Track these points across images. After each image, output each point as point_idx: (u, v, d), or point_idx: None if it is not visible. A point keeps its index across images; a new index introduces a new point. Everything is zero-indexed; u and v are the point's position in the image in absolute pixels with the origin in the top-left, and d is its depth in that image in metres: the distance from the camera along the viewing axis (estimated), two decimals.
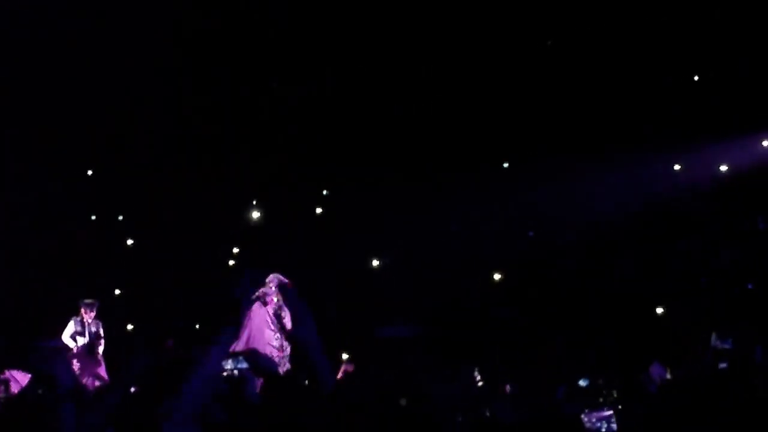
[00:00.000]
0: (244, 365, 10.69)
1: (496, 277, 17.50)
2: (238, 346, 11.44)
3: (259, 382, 10.08)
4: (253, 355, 11.20)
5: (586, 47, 17.76)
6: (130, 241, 18.65)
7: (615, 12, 17.27)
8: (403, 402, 7.00)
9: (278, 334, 11.77)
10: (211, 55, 17.87)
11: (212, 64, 17.98)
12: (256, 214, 18.62)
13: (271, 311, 11.84)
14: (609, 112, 17.81)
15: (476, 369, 11.51)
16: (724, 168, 17.60)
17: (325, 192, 19.05)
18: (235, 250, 18.64)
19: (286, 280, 12.19)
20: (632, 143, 17.40)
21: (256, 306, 11.85)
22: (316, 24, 17.72)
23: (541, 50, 18.24)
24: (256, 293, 12.05)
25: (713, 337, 11.65)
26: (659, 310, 15.89)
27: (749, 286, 15.58)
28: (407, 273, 16.96)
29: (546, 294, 16.55)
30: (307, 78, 18.29)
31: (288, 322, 11.81)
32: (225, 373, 9.84)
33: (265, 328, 11.75)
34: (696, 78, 18.15)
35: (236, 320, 11.75)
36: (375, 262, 17.52)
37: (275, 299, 11.93)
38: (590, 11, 17.41)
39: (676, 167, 18.03)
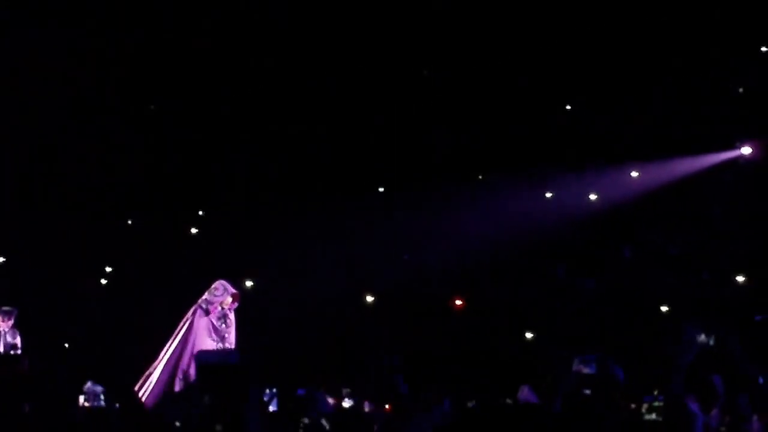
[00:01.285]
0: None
1: (369, 299, 17.51)
2: (184, 358, 10.94)
3: None
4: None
5: (461, 73, 17.97)
6: None
7: (490, 37, 17.49)
8: (218, 428, 6.88)
9: (221, 344, 11.25)
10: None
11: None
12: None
13: (214, 320, 11.31)
14: (484, 139, 18.05)
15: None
16: (593, 197, 18.02)
17: (200, 212, 18.72)
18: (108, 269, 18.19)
19: (234, 290, 11.75)
20: (506, 170, 17.74)
21: (198, 314, 11.33)
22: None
23: (416, 77, 18.34)
24: (200, 300, 11.52)
25: (576, 361, 11.90)
26: (528, 335, 16.20)
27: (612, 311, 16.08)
28: (279, 296, 16.81)
29: (419, 317, 16.66)
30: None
31: (232, 333, 11.33)
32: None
33: (207, 338, 11.21)
34: (568, 107, 18.59)
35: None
36: (249, 283, 17.31)
37: (219, 308, 11.41)
38: (467, 39, 17.63)
39: (548, 195, 18.37)
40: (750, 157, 16.78)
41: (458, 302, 17.23)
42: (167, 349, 11.21)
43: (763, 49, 16.97)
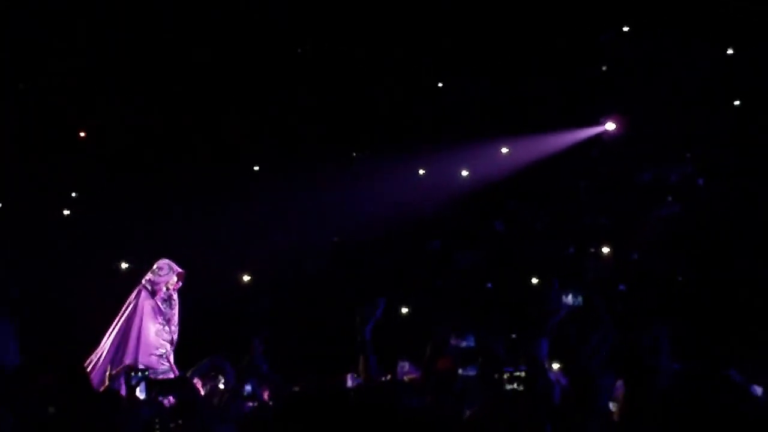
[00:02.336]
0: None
1: (246, 278, 17.49)
2: (129, 343, 10.27)
3: None
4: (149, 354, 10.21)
5: (336, 49, 18.09)
6: None
7: (368, 13, 17.63)
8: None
9: (167, 327, 10.60)
10: None
11: None
12: None
13: (159, 301, 10.71)
14: (357, 117, 18.25)
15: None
16: (465, 173, 18.44)
17: (73, 194, 18.31)
18: None
19: (179, 269, 11.09)
20: (379, 148, 18.00)
21: (144, 295, 10.67)
22: None
23: (293, 54, 18.38)
24: (143, 280, 10.88)
25: (452, 337, 12.22)
26: (404, 310, 16.50)
27: (488, 286, 16.52)
28: None
29: (298, 294, 16.79)
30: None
31: (176, 315, 10.75)
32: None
33: (154, 321, 10.55)
34: (440, 84, 18.94)
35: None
36: (124, 265, 17.06)
37: (164, 288, 10.80)
38: (342, 14, 17.73)
39: (421, 171, 18.69)
40: (614, 132, 17.48)
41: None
42: (109, 335, 10.53)
43: (625, 28, 17.64)
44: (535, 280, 15.86)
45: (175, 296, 10.91)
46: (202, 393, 9.20)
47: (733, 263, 15.89)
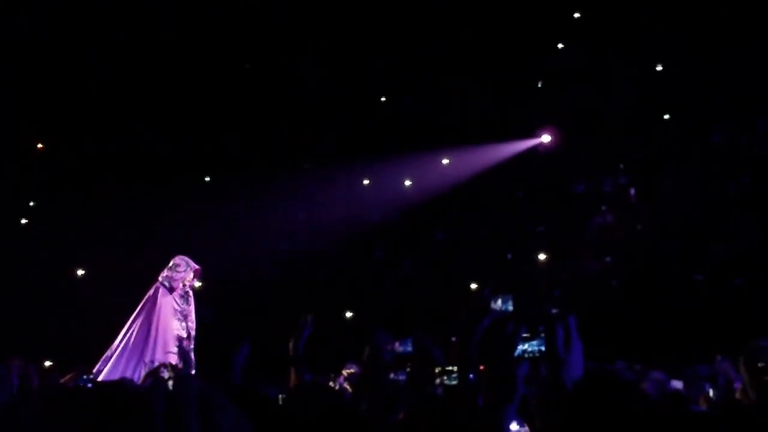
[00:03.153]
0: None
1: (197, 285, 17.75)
2: (149, 341, 10.09)
3: None
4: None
5: (275, 64, 18.50)
6: None
7: (296, 29, 18.04)
8: None
9: (185, 323, 10.40)
10: None
11: None
12: None
13: (177, 298, 10.49)
14: (302, 130, 18.68)
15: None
16: (408, 183, 18.99)
17: (31, 203, 18.55)
18: None
19: (196, 265, 10.87)
20: (326, 159, 18.46)
21: (162, 292, 10.49)
22: None
23: (237, 69, 18.74)
24: (160, 277, 10.64)
25: (396, 343, 12.72)
26: (348, 314, 17.01)
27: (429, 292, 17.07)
28: (109, 283, 16.91)
29: (247, 303, 17.14)
30: None
31: (192, 312, 10.55)
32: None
33: (172, 318, 10.36)
34: (383, 99, 19.47)
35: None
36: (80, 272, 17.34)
37: (181, 285, 10.55)
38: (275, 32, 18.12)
39: (366, 182, 19.21)
40: (549, 144, 18.16)
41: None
42: (127, 332, 10.34)
43: (560, 45, 18.35)
44: (473, 286, 16.42)
45: (191, 293, 10.76)
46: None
47: (662, 269, 16.66)
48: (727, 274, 16.39)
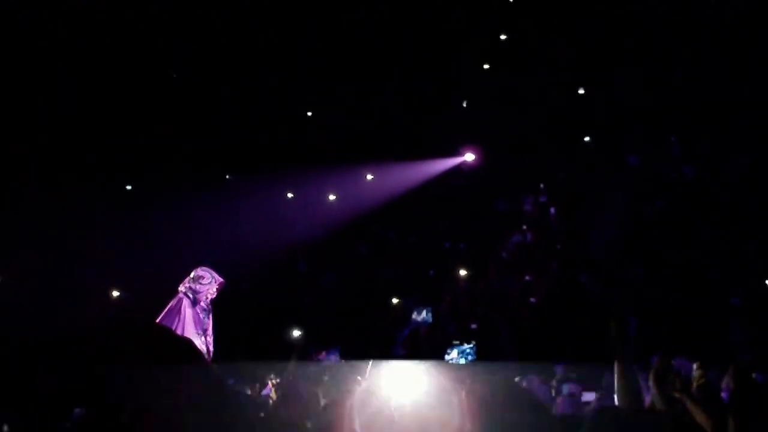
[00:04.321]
0: None
1: (115, 294, 17.59)
2: None
3: None
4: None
5: (210, 75, 18.51)
6: None
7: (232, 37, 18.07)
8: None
9: (204, 338, 10.08)
10: None
11: None
12: None
13: (199, 311, 10.17)
14: (229, 140, 18.68)
15: None
16: (332, 197, 19.11)
17: None
18: None
19: (220, 279, 10.54)
20: (251, 171, 18.47)
21: (185, 304, 10.13)
22: None
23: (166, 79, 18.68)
24: (183, 288, 10.29)
25: (324, 353, 12.81)
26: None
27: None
28: (25, 291, 16.64)
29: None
30: None
31: (210, 326, 10.22)
32: None
33: (193, 331, 9.97)
34: (309, 114, 19.58)
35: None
36: None
37: (205, 297, 10.24)
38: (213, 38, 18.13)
39: (290, 195, 19.26)
40: (472, 163, 18.48)
41: None
42: None
43: (486, 66, 18.73)
44: (395, 300, 16.57)
45: (210, 307, 10.42)
46: None
47: (579, 287, 17.05)
48: (642, 293, 16.85)
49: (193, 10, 17.86)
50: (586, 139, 18.28)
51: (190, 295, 10.24)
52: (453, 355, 10.62)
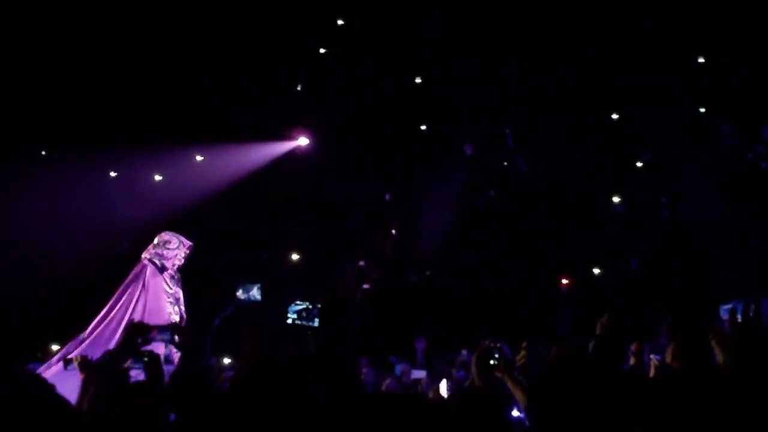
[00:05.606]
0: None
1: None
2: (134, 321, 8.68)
3: None
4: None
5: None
6: None
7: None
8: None
9: (176, 306, 9.21)
10: None
11: None
12: None
13: (167, 278, 9.30)
14: (53, 114, 17.73)
15: None
16: (158, 178, 18.42)
17: None
18: None
19: (189, 242, 9.64)
20: (72, 148, 17.58)
21: (150, 271, 9.29)
22: None
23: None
24: (148, 255, 9.44)
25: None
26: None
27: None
28: None
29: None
30: None
31: (181, 293, 9.36)
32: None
33: (163, 299, 9.15)
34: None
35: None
36: None
37: (173, 264, 9.40)
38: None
39: (113, 174, 18.45)
40: (306, 147, 18.31)
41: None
42: (107, 315, 9.08)
43: (322, 50, 18.56)
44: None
45: (178, 273, 9.60)
46: None
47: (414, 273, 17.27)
48: (474, 277, 17.27)
49: None
50: (423, 127, 18.46)
51: (157, 262, 9.44)
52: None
